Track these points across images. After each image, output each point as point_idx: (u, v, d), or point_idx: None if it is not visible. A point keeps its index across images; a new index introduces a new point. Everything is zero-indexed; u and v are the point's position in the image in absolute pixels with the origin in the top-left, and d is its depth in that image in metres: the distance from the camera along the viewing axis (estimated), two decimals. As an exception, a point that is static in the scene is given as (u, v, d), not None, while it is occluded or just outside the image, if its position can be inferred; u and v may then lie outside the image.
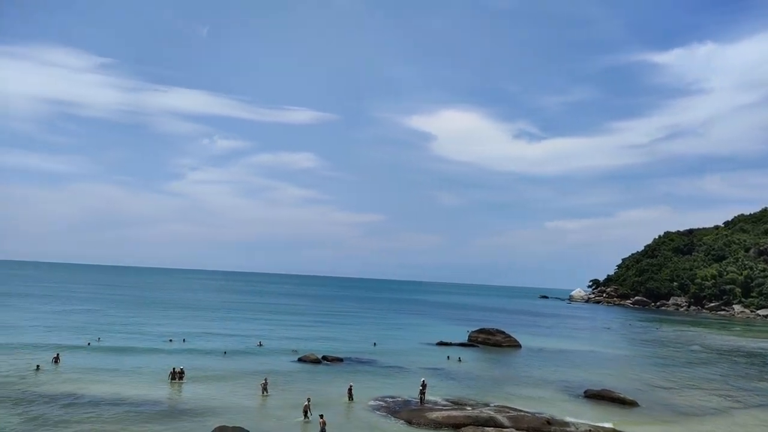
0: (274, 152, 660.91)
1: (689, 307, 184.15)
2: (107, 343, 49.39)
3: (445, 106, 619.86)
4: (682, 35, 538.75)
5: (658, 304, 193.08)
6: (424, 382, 33.69)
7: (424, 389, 33.03)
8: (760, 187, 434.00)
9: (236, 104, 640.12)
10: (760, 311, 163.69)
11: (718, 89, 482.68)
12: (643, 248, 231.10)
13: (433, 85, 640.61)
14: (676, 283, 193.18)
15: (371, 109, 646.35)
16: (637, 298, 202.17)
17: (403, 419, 28.78)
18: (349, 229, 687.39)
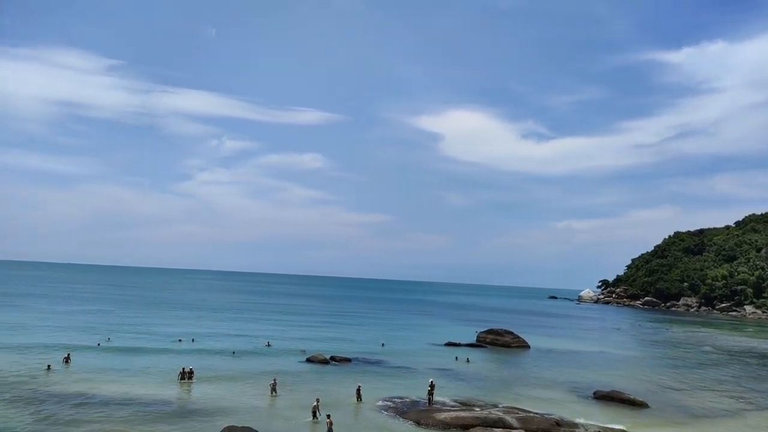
0: (281, 153, 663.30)
1: (700, 307, 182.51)
2: (117, 343, 49.72)
3: (452, 106, 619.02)
4: (692, 34, 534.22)
5: (668, 304, 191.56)
6: (432, 382, 33.60)
7: (432, 390, 32.94)
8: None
9: (244, 105, 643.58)
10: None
11: (729, 88, 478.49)
12: (652, 248, 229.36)
13: (440, 85, 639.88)
14: (686, 283, 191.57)
15: (379, 109, 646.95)
16: (646, 298, 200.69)
17: (411, 420, 28.73)
18: (356, 229, 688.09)
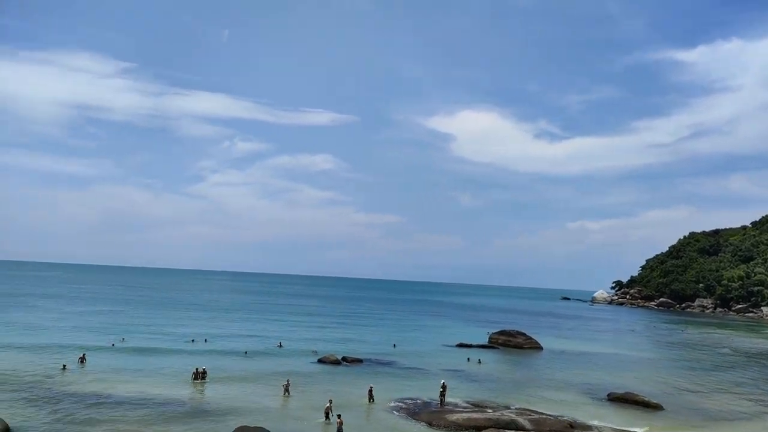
0: (293, 154, 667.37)
1: (715, 309, 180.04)
2: (131, 343, 50.21)
3: (464, 106, 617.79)
4: (706, 32, 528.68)
5: (683, 305, 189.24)
6: (444, 383, 33.51)
7: (444, 391, 32.86)
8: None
9: (256, 107, 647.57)
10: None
11: (744, 87, 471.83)
12: (667, 249, 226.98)
13: (452, 85, 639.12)
14: (701, 284, 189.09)
15: (390, 110, 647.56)
16: (661, 299, 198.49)
17: (423, 421, 28.64)
18: (367, 230, 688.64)
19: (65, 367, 37.07)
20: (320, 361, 46.27)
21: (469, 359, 51.61)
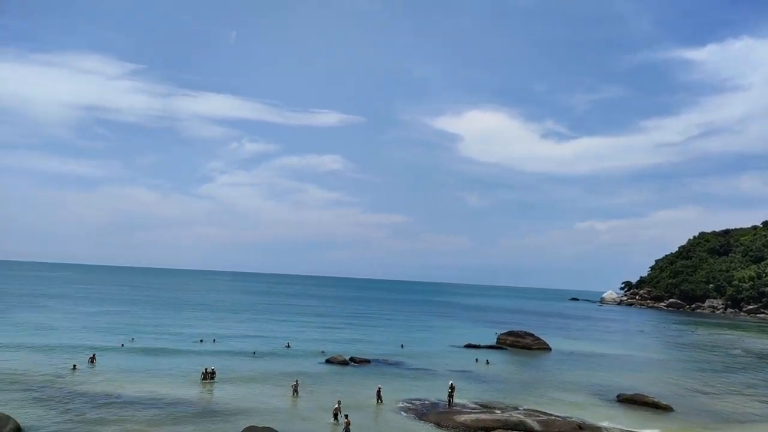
0: (300, 155, 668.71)
1: (726, 309, 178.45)
2: (140, 343, 50.48)
3: (471, 106, 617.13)
4: (716, 30, 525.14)
5: (693, 306, 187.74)
6: (452, 384, 33.41)
7: (452, 392, 32.77)
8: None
9: (264, 108, 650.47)
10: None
11: (754, 85, 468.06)
12: (677, 249, 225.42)
13: (459, 85, 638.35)
14: (711, 285, 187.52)
15: (397, 110, 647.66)
16: (671, 300, 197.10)
17: (431, 422, 28.59)
18: (374, 230, 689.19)
19: (75, 367, 37.34)
20: (328, 361, 46.30)
21: (477, 360, 51.46)
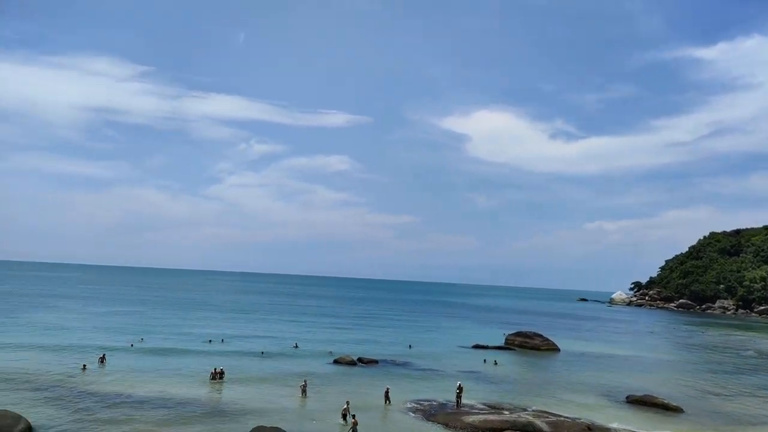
0: (309, 155, 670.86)
1: (737, 310, 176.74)
2: (149, 344, 50.80)
3: (479, 106, 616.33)
4: (726, 29, 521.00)
5: (703, 307, 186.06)
6: (460, 385, 33.35)
7: (460, 392, 32.70)
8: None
9: (272, 109, 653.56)
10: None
11: (766, 84, 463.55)
12: (687, 249, 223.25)
13: (467, 85, 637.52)
14: (722, 285, 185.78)
15: (405, 111, 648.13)
16: (681, 301, 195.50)
17: (439, 423, 28.53)
18: (382, 231, 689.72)
19: (85, 367, 37.65)
20: (336, 361, 46.35)
21: (485, 360, 51.30)
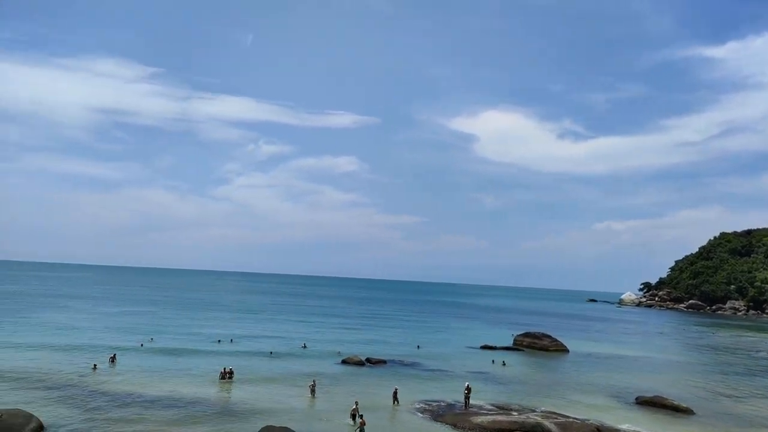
0: (317, 156, 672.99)
1: (748, 311, 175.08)
2: (159, 344, 51.15)
3: (487, 106, 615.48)
4: (736, 27, 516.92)
5: (713, 308, 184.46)
6: (468, 385, 33.33)
7: (468, 393, 32.67)
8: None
9: (280, 110, 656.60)
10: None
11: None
12: (697, 250, 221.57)
13: (474, 86, 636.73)
14: (733, 286, 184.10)
15: (413, 111, 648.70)
16: (691, 301, 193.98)
17: (447, 423, 28.54)
18: (389, 231, 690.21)
19: (96, 366, 37.99)
20: (344, 362, 46.45)
21: (493, 361, 51.21)
